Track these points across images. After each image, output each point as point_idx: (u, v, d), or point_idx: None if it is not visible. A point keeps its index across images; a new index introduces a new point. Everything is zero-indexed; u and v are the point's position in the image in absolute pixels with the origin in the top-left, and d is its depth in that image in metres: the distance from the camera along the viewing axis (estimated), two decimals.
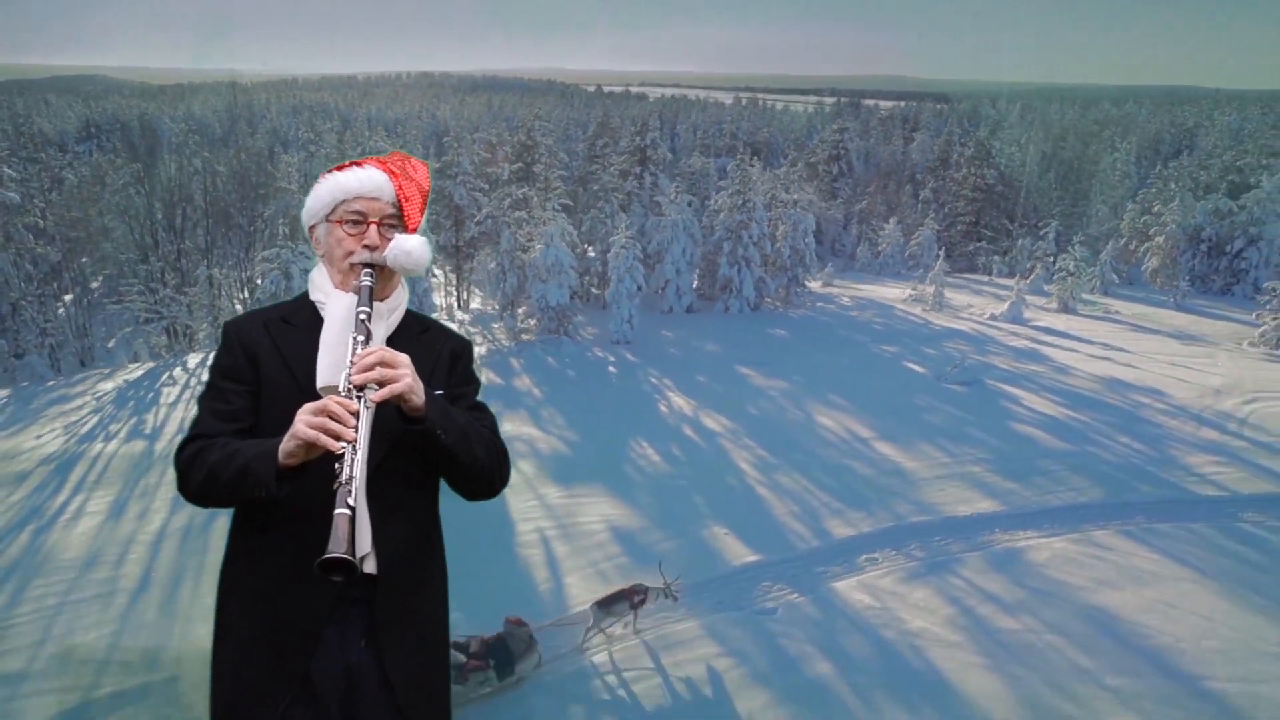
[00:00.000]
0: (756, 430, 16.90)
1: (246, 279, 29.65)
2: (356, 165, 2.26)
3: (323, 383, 2.06)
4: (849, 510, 13.64)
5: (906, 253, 37.73)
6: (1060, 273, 28.62)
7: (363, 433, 1.86)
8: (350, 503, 1.74)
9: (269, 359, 2.13)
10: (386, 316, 2.23)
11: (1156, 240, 33.36)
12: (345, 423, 1.82)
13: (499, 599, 10.26)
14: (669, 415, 17.89)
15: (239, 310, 28.34)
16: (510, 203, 24.64)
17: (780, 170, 30.12)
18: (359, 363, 1.94)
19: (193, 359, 22.69)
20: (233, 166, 33.46)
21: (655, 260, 26.80)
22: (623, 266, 22.73)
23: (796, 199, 28.22)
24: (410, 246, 2.18)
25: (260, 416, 2.10)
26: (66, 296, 28.41)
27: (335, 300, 2.17)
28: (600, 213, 27.77)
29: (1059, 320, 26.71)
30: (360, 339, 2.03)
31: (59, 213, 27.94)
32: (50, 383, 21.42)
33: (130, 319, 27.60)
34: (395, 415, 2.00)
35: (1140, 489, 14.65)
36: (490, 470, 2.21)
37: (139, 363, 23.21)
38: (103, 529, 13.05)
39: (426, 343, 2.30)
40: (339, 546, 1.67)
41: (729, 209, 26.95)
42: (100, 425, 17.50)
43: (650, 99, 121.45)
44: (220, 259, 29.44)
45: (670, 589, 10.48)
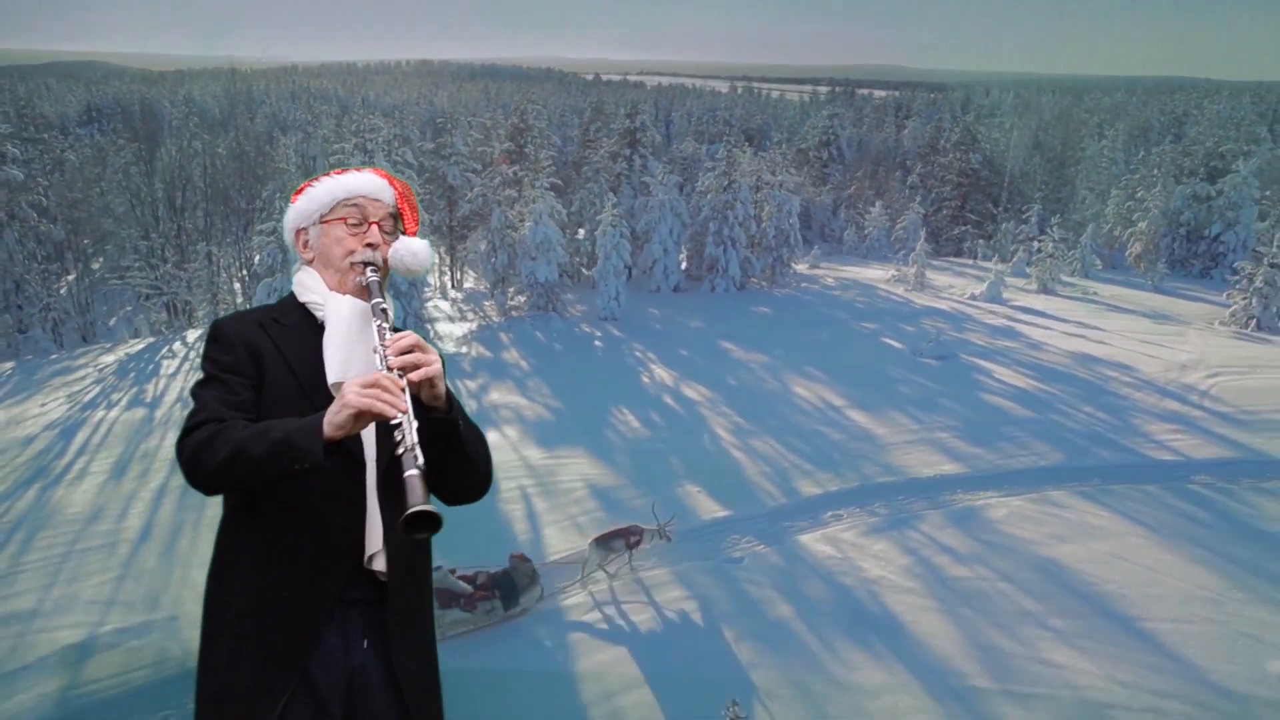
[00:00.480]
0: (734, 399, 17.53)
1: (245, 260, 30.23)
2: (352, 171, 2.26)
3: (335, 379, 2.04)
4: (818, 471, 14.28)
5: (892, 236, 38.35)
6: (1039, 254, 29.25)
7: (410, 404, 1.86)
8: (419, 465, 1.74)
9: (271, 357, 2.09)
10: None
11: (1140, 226, 33.95)
12: (397, 394, 1.82)
13: (479, 547, 10.88)
14: (651, 385, 18.53)
15: (237, 287, 28.99)
16: (500, 181, 25.25)
17: (766, 154, 30.67)
18: (394, 344, 1.94)
19: (191, 334, 23.32)
20: (232, 149, 34.00)
21: (643, 240, 27.41)
22: (609, 244, 23.33)
23: (782, 181, 28.84)
24: (416, 248, 2.20)
25: (262, 416, 2.02)
26: (68, 276, 29.00)
27: (335, 301, 2.15)
28: (589, 193, 28.38)
29: (1037, 300, 27.34)
30: (386, 326, 2.02)
31: (61, 193, 28.51)
32: (53, 356, 22.04)
33: (131, 297, 28.20)
34: (415, 405, 1.95)
35: (1099, 454, 15.30)
36: (487, 468, 2.21)
37: (139, 338, 23.83)
38: (105, 487, 13.67)
39: None
40: (419, 501, 1.68)
41: (715, 190, 27.57)
42: (102, 394, 18.11)
43: (647, 87, 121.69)
44: (219, 238, 30.01)
45: (664, 530, 11.42)
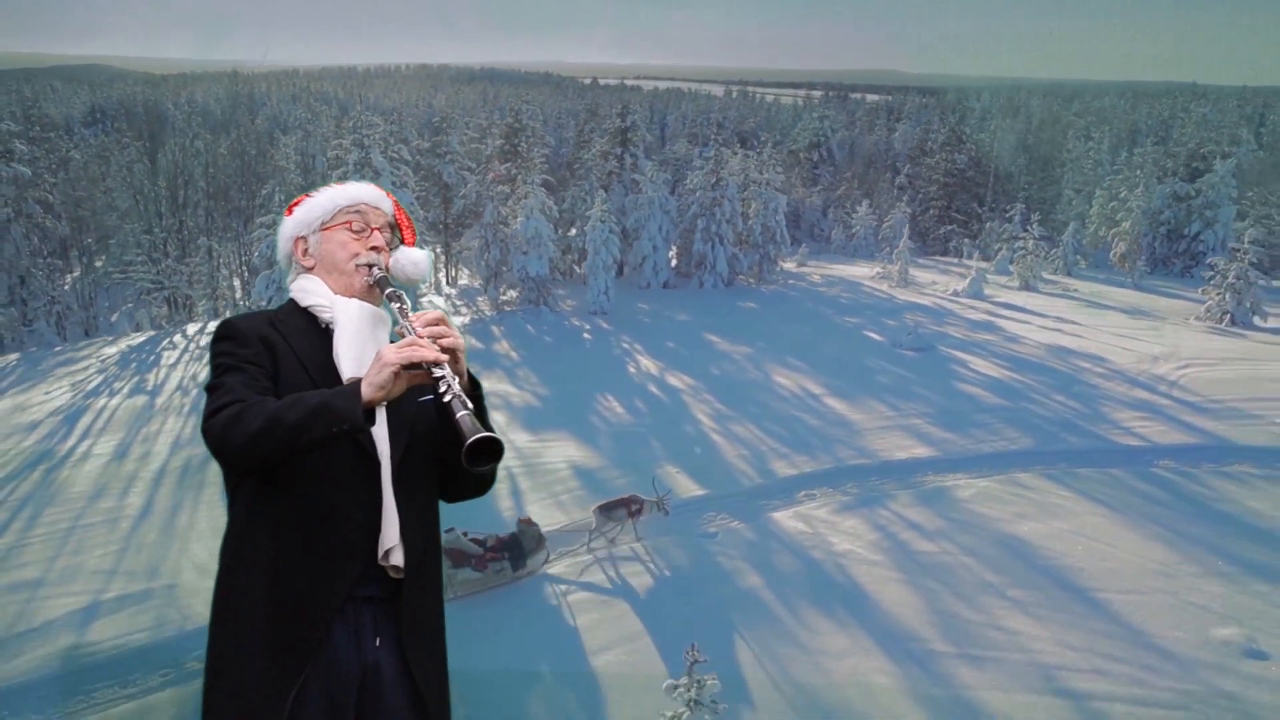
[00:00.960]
0: (716, 387, 18.07)
1: (245, 256, 30.80)
2: (352, 183, 2.32)
3: (350, 375, 2.05)
4: (794, 454, 14.82)
5: (879, 235, 38.98)
6: (1020, 251, 29.85)
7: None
8: (468, 406, 1.78)
9: (285, 355, 2.09)
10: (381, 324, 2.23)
11: (1123, 226, 34.54)
12: (433, 348, 1.86)
13: (460, 520, 11.40)
14: (636, 374, 19.08)
15: (237, 284, 29.59)
16: (493, 178, 25.83)
17: (754, 153, 31.25)
18: (420, 318, 1.98)
19: (191, 328, 23.85)
20: (233, 148, 34.62)
21: (634, 237, 27.98)
22: (599, 239, 23.89)
23: (768, 180, 29.42)
24: (417, 257, 2.27)
25: None
26: (72, 274, 29.60)
27: (344, 303, 2.16)
28: (581, 190, 28.97)
29: (1019, 297, 27.91)
30: (406, 306, 2.07)
31: (65, 191, 29.12)
32: (57, 348, 22.57)
33: (133, 293, 28.79)
34: (417, 393, 2.02)
35: (1067, 439, 15.84)
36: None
37: (140, 331, 24.38)
38: (108, 467, 14.20)
39: None
40: (479, 429, 1.71)
41: (703, 188, 28.16)
42: (105, 383, 18.65)
43: (644, 91, 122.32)
44: (220, 233, 30.62)
45: (662, 502, 12.10)
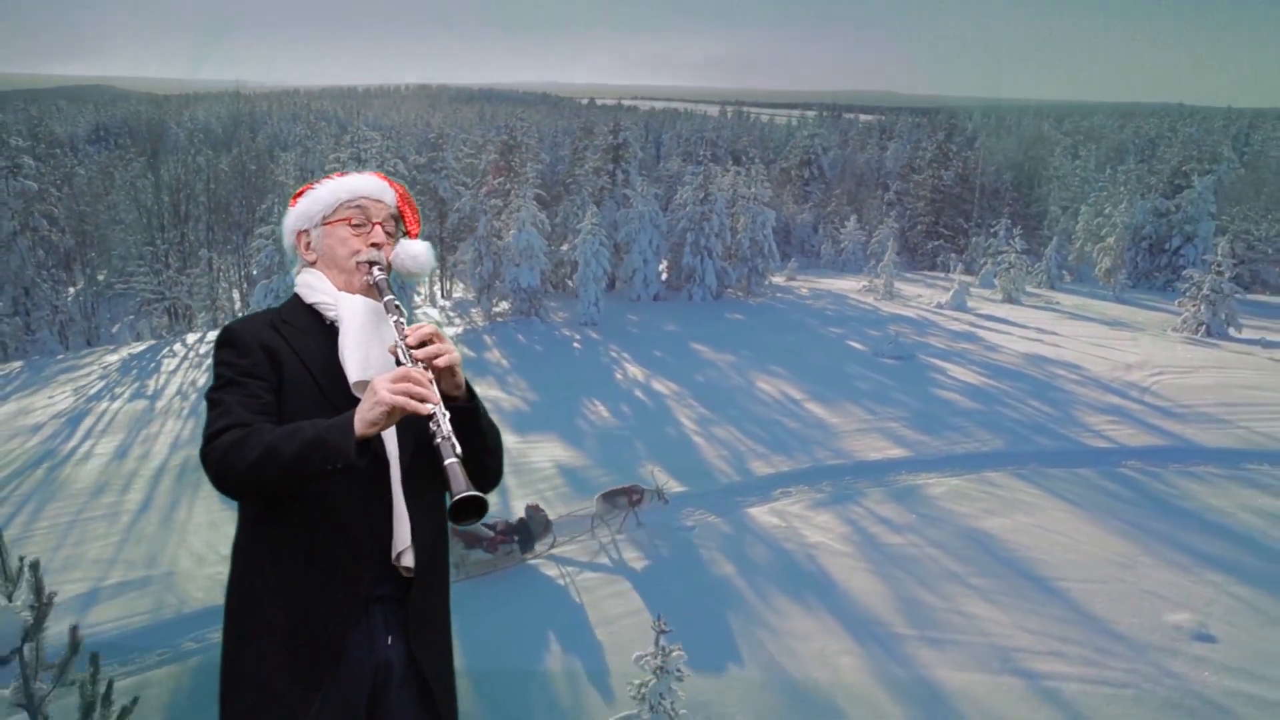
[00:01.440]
0: (700, 393, 18.58)
1: (244, 272, 31.41)
2: (354, 174, 2.28)
3: (355, 378, 2.04)
4: (772, 455, 15.31)
5: (868, 250, 39.66)
6: (1003, 265, 30.47)
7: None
8: (457, 453, 1.78)
9: (288, 358, 2.08)
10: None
11: (1108, 241, 35.17)
12: (427, 386, 1.85)
13: None
14: (623, 381, 19.59)
15: (236, 296, 30.14)
16: (487, 191, 26.45)
17: (743, 169, 31.89)
18: (414, 335, 1.97)
19: (191, 337, 24.39)
20: (234, 165, 35.31)
21: (625, 251, 28.58)
22: (589, 251, 24.49)
23: (756, 195, 30.08)
24: (417, 251, 2.23)
25: (281, 418, 2.02)
26: (72, 289, 30.18)
27: (347, 301, 2.14)
28: (573, 204, 29.60)
29: (1001, 309, 28.47)
30: (402, 320, 2.05)
31: (69, 206, 29.77)
32: (59, 356, 23.10)
33: (134, 305, 29.37)
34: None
35: (1038, 441, 16.34)
36: (500, 461, 2.23)
37: (142, 340, 24.91)
38: (109, 466, 14.69)
39: None
40: (464, 488, 1.71)
41: (692, 203, 28.81)
42: (106, 388, 19.15)
43: (640, 110, 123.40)
44: (220, 246, 31.27)
45: (661, 492, 12.74)
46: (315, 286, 2.18)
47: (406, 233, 2.29)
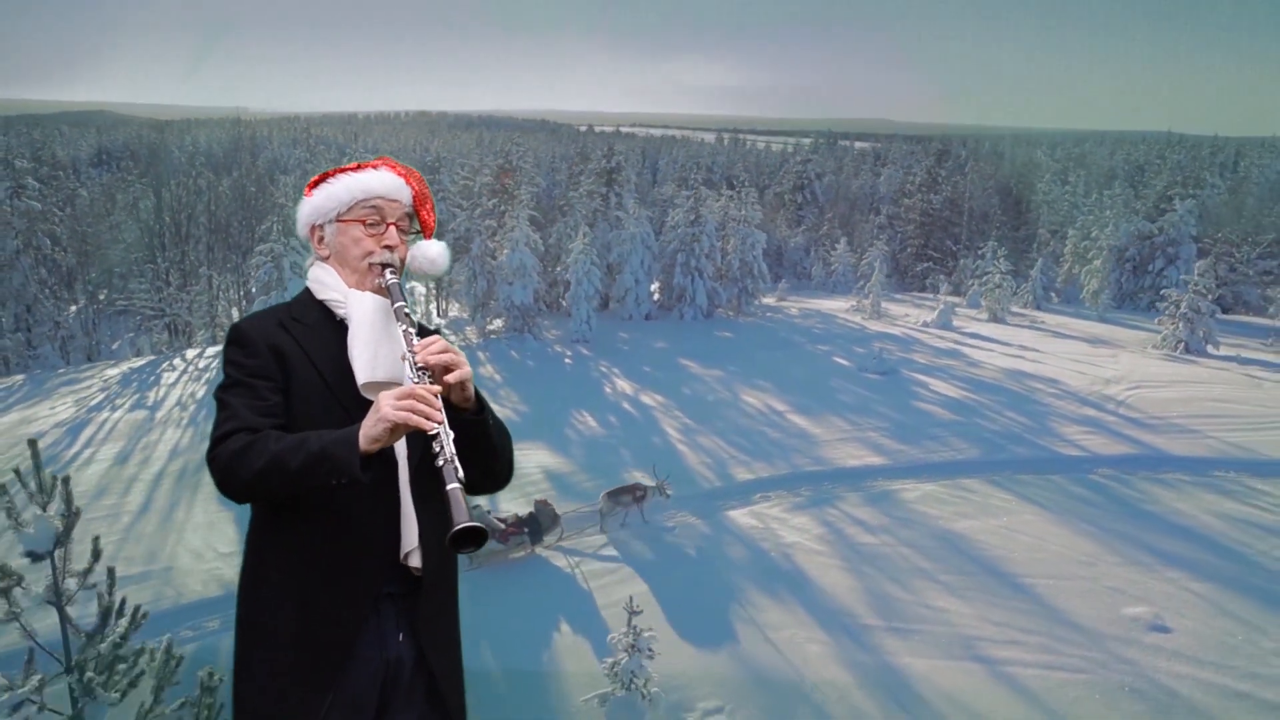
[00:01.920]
0: (686, 405, 19.07)
1: (244, 287, 31.96)
2: (368, 167, 2.24)
3: (364, 379, 2.03)
4: (754, 462, 15.78)
5: (858, 272, 40.27)
6: (988, 286, 31.07)
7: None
8: (460, 478, 1.78)
9: (296, 358, 2.07)
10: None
11: (1094, 264, 35.81)
12: (433, 405, 1.85)
13: None
14: (612, 394, 20.08)
15: (235, 314, 30.65)
16: (480, 212, 27.09)
17: (734, 193, 32.56)
18: (424, 350, 1.96)
19: (190, 353, 24.92)
20: (234, 187, 35.97)
21: (617, 271, 29.16)
22: (581, 270, 25.08)
23: (746, 217, 30.73)
24: (434, 253, 2.22)
25: (290, 418, 2.03)
26: (74, 306, 30.73)
27: (357, 299, 2.13)
28: (566, 225, 30.22)
29: (985, 328, 29.04)
30: (411, 331, 2.04)
31: (71, 226, 30.39)
32: (61, 370, 23.60)
33: (134, 323, 29.92)
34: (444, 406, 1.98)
35: (1013, 449, 16.80)
36: (509, 461, 2.27)
37: (142, 356, 25.42)
38: (110, 471, 15.14)
39: None
40: (464, 517, 1.71)
41: (683, 224, 29.45)
42: (107, 400, 19.63)
43: (638, 137, 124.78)
44: (219, 264, 31.87)
45: (663, 488, 13.39)
46: (326, 283, 2.19)
47: (422, 230, 2.27)
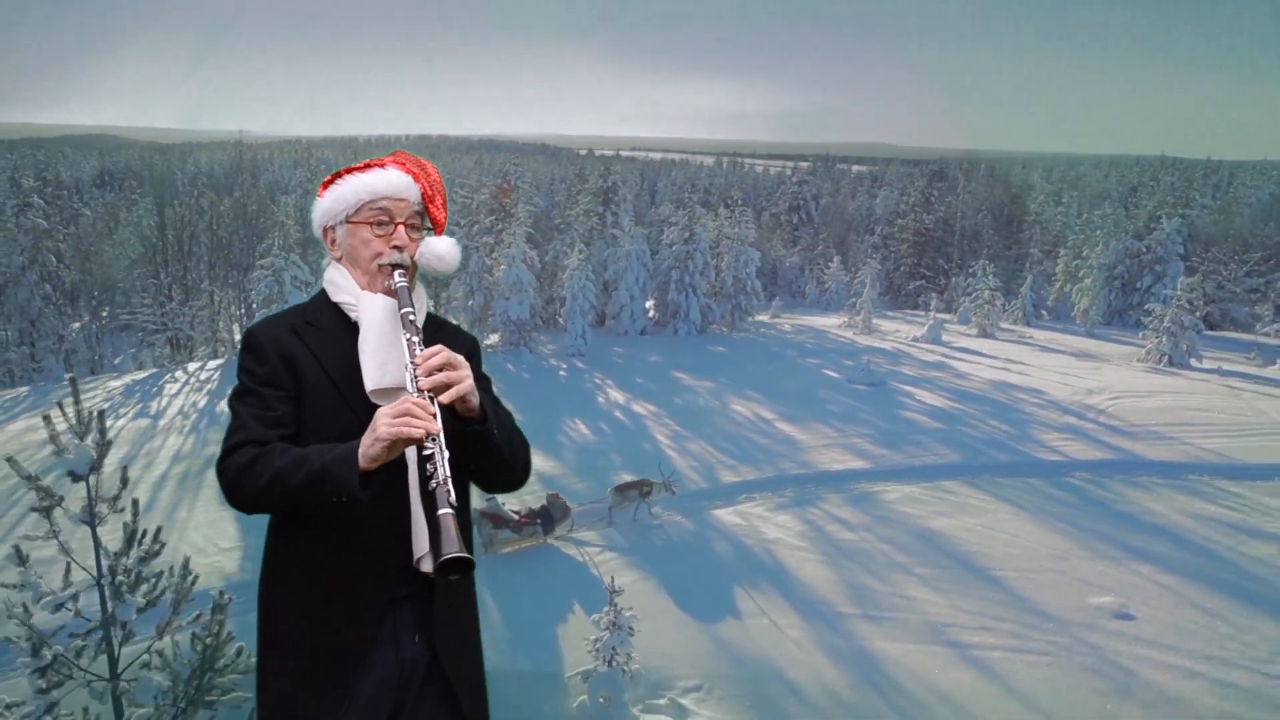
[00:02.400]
0: (676, 413, 19.54)
1: (245, 303, 32.52)
2: (377, 165, 2.22)
3: (372, 386, 2.03)
4: (740, 465, 16.23)
5: (851, 290, 40.84)
6: (977, 300, 31.61)
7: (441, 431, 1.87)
8: (452, 501, 1.75)
9: (307, 364, 2.07)
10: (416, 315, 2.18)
11: (1085, 283, 36.40)
12: (428, 420, 1.82)
13: None
14: (604, 403, 20.56)
15: (236, 329, 31.21)
16: (478, 229, 27.69)
17: (728, 211, 33.23)
18: (424, 364, 1.93)
19: (192, 365, 25.44)
20: (235, 207, 36.66)
21: (613, 288, 29.73)
22: (576, 286, 25.64)
23: (740, 235, 31.35)
24: (443, 251, 2.20)
25: (301, 425, 2.04)
26: (77, 324, 31.29)
27: (368, 302, 2.13)
28: (563, 243, 30.83)
29: (974, 342, 29.55)
30: (415, 340, 2.01)
31: (74, 244, 31.04)
32: (63, 382, 24.09)
33: (135, 340, 30.47)
34: (449, 416, 1.98)
35: (993, 455, 17.24)
36: (525, 463, 2.23)
37: (144, 369, 25.92)
38: (114, 475, 15.59)
39: (443, 342, 2.18)
40: (452, 546, 1.68)
41: (678, 242, 30.05)
42: (111, 409, 20.09)
43: (638, 161, 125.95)
44: (221, 279, 32.48)
45: (668, 484, 13.94)
46: (339, 285, 2.19)
47: (433, 227, 2.26)
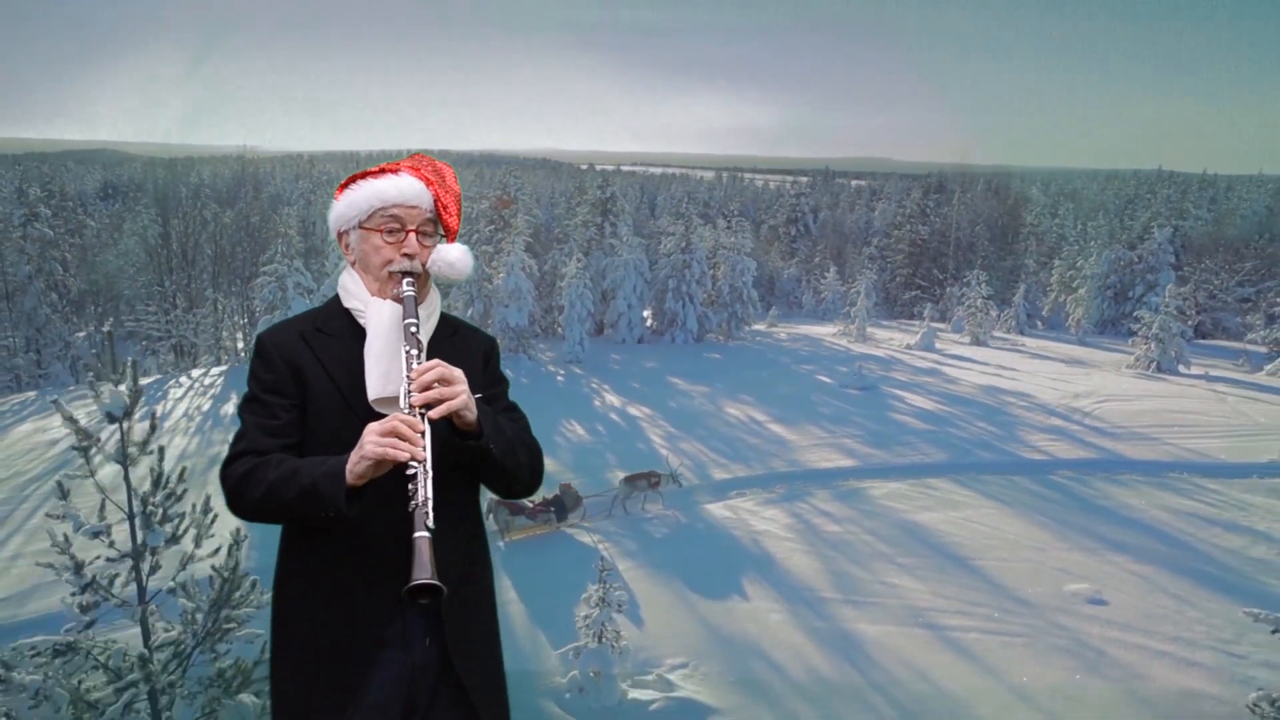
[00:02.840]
0: (671, 416, 19.96)
1: (248, 312, 32.98)
2: (390, 171, 2.20)
3: (375, 395, 2.02)
4: (731, 464, 16.64)
5: (847, 299, 41.30)
6: (970, 308, 32.05)
7: (430, 450, 1.86)
8: (429, 525, 1.73)
9: (313, 372, 2.07)
10: (425, 322, 2.17)
11: (1079, 293, 36.84)
12: (415, 441, 1.82)
13: None
14: (601, 407, 20.97)
15: (240, 336, 31.66)
16: (478, 238, 28.20)
17: (725, 221, 33.73)
18: (417, 380, 1.93)
19: (196, 372, 25.91)
20: (238, 218, 37.19)
21: (611, 297, 30.19)
22: (574, 294, 26.10)
23: (736, 245, 31.84)
24: (454, 258, 2.18)
25: (307, 432, 2.05)
26: (82, 332, 31.78)
27: (376, 309, 2.11)
28: (562, 253, 31.31)
29: (967, 350, 29.99)
30: (415, 353, 2.00)
31: (79, 254, 31.59)
32: (70, 388, 24.59)
33: (141, 347, 30.94)
34: (447, 427, 1.99)
35: (979, 454, 17.63)
36: (532, 472, 2.22)
37: (148, 376, 26.37)
38: (120, 473, 16.05)
39: (459, 345, 2.25)
40: (424, 572, 1.66)
41: (674, 252, 30.54)
42: None
43: (639, 175, 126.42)
44: (225, 288, 32.97)
45: (676, 476, 14.51)
46: (351, 290, 2.19)
47: (446, 234, 2.23)
